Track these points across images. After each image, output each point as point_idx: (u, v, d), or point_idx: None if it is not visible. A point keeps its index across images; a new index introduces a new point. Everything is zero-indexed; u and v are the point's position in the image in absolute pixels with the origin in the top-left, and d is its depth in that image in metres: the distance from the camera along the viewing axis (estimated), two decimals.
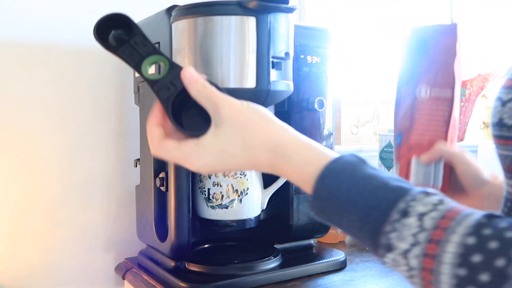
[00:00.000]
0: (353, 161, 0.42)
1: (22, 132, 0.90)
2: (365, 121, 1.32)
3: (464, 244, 0.34)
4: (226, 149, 0.46)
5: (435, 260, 0.35)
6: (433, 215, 0.36)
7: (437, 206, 0.37)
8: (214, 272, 0.79)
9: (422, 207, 0.37)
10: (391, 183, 0.39)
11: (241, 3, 0.64)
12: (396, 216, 0.37)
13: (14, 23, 0.88)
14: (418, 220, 0.36)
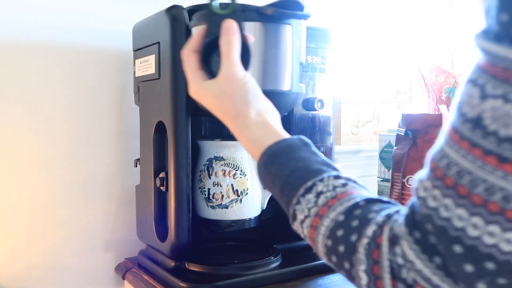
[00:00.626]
0: (294, 143, 0.50)
1: (22, 132, 0.90)
2: (365, 121, 1.32)
3: (336, 220, 0.41)
4: (212, 96, 0.57)
5: (315, 231, 0.43)
6: (328, 195, 0.43)
7: (337, 188, 0.44)
8: (214, 272, 0.79)
9: (323, 187, 0.44)
10: (313, 166, 0.46)
11: (259, 10, 0.66)
12: (301, 191, 0.45)
13: (14, 23, 0.88)
14: (315, 197, 0.43)
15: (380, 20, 1.43)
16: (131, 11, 0.98)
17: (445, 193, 0.33)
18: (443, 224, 0.33)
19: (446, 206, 0.33)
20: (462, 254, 0.32)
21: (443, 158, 0.34)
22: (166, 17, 0.75)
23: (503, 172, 0.31)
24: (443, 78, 1.39)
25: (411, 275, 0.35)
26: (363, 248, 0.38)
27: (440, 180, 0.33)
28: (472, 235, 0.31)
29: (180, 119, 0.75)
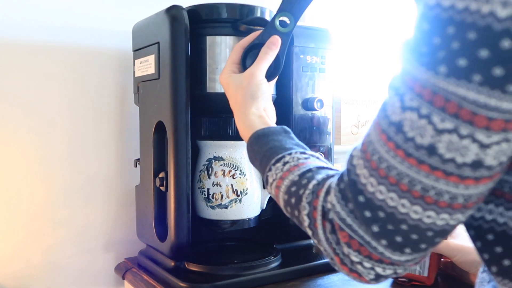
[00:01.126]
0: (276, 129, 0.61)
1: (22, 132, 0.90)
2: (365, 121, 1.32)
3: (292, 180, 0.52)
4: (234, 85, 0.68)
5: (278, 190, 0.54)
6: (291, 163, 0.54)
7: (300, 160, 0.55)
8: (214, 272, 0.79)
9: (289, 159, 0.55)
10: (287, 145, 0.58)
11: (234, 26, 0.78)
12: (273, 161, 0.56)
13: (15, 23, 0.88)
14: (282, 165, 0.54)
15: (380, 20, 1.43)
16: (131, 11, 0.98)
17: (371, 173, 0.42)
18: (354, 179, 0.44)
19: (381, 191, 0.42)
20: (364, 203, 0.43)
21: (375, 152, 0.42)
22: (166, 17, 0.75)
23: (422, 171, 0.39)
24: None
25: (333, 216, 0.46)
26: (305, 198, 0.49)
27: (375, 170, 0.42)
28: (370, 190, 0.42)
29: (180, 119, 0.75)
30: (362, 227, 0.43)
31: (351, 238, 0.44)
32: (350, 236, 0.44)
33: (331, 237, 0.46)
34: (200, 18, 0.79)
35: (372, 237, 0.43)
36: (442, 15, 0.35)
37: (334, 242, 0.46)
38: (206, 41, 0.79)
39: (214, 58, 0.79)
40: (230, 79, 0.68)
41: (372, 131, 0.44)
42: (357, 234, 0.44)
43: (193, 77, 0.79)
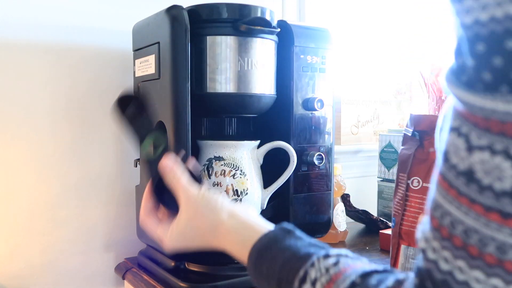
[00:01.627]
0: (275, 235, 0.49)
1: (22, 132, 0.90)
2: (365, 121, 1.32)
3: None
4: (184, 233, 0.58)
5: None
6: (323, 280, 0.41)
7: (329, 269, 0.42)
8: (214, 272, 0.79)
9: (316, 273, 0.42)
10: (300, 252, 0.45)
11: (234, 26, 0.77)
12: (296, 284, 0.43)
13: (15, 23, 0.88)
14: (311, 286, 0.41)
15: (380, 20, 1.43)
16: (131, 11, 0.98)
17: (456, 254, 0.32)
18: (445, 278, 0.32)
19: (460, 268, 0.32)
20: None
21: (445, 215, 0.32)
22: (166, 17, 0.75)
23: (509, 229, 0.30)
24: None
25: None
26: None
27: (448, 241, 0.32)
28: (460, 279, 0.31)
29: (180, 119, 0.75)
30: None
31: None
32: None
33: None
34: (200, 18, 0.79)
35: None
36: (497, 28, 0.28)
37: None
38: (206, 41, 0.79)
39: (214, 58, 0.79)
40: (177, 230, 0.58)
41: (437, 196, 0.34)
42: None
43: (193, 77, 0.79)
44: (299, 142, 0.88)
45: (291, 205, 0.88)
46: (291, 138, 0.87)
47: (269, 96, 0.84)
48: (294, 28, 0.86)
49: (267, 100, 0.84)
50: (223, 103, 0.81)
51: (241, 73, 0.80)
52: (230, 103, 0.81)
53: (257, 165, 0.85)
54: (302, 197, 0.88)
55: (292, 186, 0.87)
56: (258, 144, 0.86)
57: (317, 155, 0.87)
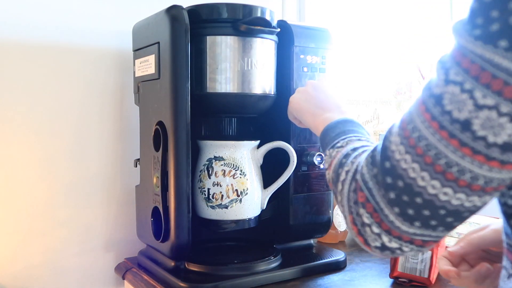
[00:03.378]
0: (341, 121, 0.66)
1: (22, 132, 0.90)
2: (365, 121, 1.32)
3: (339, 159, 0.55)
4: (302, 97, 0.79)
5: (334, 160, 0.57)
6: (338, 150, 0.58)
7: (347, 144, 0.59)
8: (214, 272, 0.79)
9: (340, 144, 0.59)
10: (344, 130, 0.63)
11: (234, 26, 0.78)
12: (330, 146, 0.61)
13: (15, 23, 0.88)
14: (334, 151, 0.59)
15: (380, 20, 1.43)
16: (131, 11, 0.98)
17: (402, 141, 0.43)
18: (386, 145, 0.45)
19: (405, 160, 0.43)
20: (388, 169, 0.44)
21: (411, 122, 0.43)
22: (166, 17, 0.75)
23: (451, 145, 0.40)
24: None
25: (359, 176, 0.48)
26: (353, 158, 0.52)
27: (406, 139, 0.43)
28: (397, 158, 0.43)
29: (180, 119, 0.75)
30: (380, 192, 0.45)
31: (367, 201, 0.46)
32: (367, 198, 0.46)
33: (352, 196, 0.49)
34: (200, 18, 0.79)
35: (387, 203, 0.44)
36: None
37: (352, 200, 0.49)
38: (206, 41, 0.79)
39: (214, 58, 0.79)
40: None
41: (413, 103, 0.45)
42: (374, 199, 0.46)
43: (193, 77, 0.79)
44: (299, 142, 0.88)
45: (291, 205, 0.88)
46: (291, 138, 0.87)
47: (269, 96, 0.84)
48: (294, 28, 0.87)
49: (267, 100, 0.84)
50: (223, 103, 0.81)
51: (241, 73, 0.80)
52: (230, 103, 0.81)
53: (257, 165, 0.85)
54: (302, 197, 0.88)
55: (292, 186, 0.87)
56: (258, 144, 0.86)
57: (317, 155, 0.87)
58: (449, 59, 0.40)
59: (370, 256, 0.94)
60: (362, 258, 0.93)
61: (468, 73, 0.38)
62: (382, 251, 0.47)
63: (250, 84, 0.80)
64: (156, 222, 0.81)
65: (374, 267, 0.88)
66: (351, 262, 0.90)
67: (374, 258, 0.94)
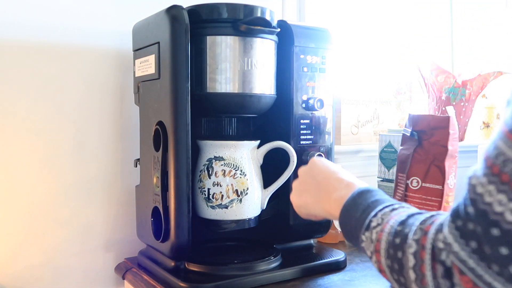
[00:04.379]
0: (356, 195, 0.59)
1: (22, 132, 0.90)
2: (365, 121, 1.32)
3: (399, 220, 0.49)
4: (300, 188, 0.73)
5: (379, 243, 0.50)
6: (378, 229, 0.51)
7: (384, 219, 0.52)
8: (214, 272, 0.79)
9: (375, 222, 0.52)
10: (369, 205, 0.55)
11: (234, 26, 0.77)
12: (363, 231, 0.54)
13: (14, 23, 0.88)
14: (370, 233, 0.52)
15: (380, 20, 1.43)
16: (131, 11, 0.98)
17: (500, 188, 0.36)
18: (484, 209, 0.37)
19: (500, 201, 0.36)
20: (499, 237, 0.35)
21: (500, 155, 0.37)
22: (166, 17, 0.75)
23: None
24: (443, 78, 1.39)
25: (448, 257, 0.39)
26: (413, 235, 0.44)
27: (496, 176, 0.36)
28: (510, 219, 0.35)
29: (180, 119, 0.75)
30: (492, 269, 0.36)
31: (475, 285, 0.38)
32: (474, 282, 0.38)
33: (443, 283, 0.40)
34: (200, 18, 0.79)
35: (506, 282, 0.36)
36: None
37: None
38: (206, 41, 0.79)
39: (214, 58, 0.79)
40: None
41: (499, 142, 0.38)
42: (483, 280, 0.37)
43: (193, 77, 0.79)
44: (299, 142, 0.88)
45: (291, 205, 0.88)
46: (291, 138, 0.87)
47: (269, 96, 0.84)
48: (294, 28, 0.87)
49: (267, 100, 0.84)
50: (223, 103, 0.81)
51: (241, 73, 0.80)
52: (230, 103, 0.81)
53: (257, 165, 0.85)
54: None
55: None
56: (258, 144, 0.86)
57: (317, 155, 0.87)
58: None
59: None
60: (362, 258, 0.93)
61: None
62: None
63: (250, 84, 0.80)
64: (156, 222, 0.81)
65: (374, 267, 0.88)
66: (351, 262, 0.90)
67: None
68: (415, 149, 0.90)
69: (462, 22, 1.66)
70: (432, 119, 0.89)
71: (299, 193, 0.71)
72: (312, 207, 0.69)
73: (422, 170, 0.88)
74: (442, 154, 0.87)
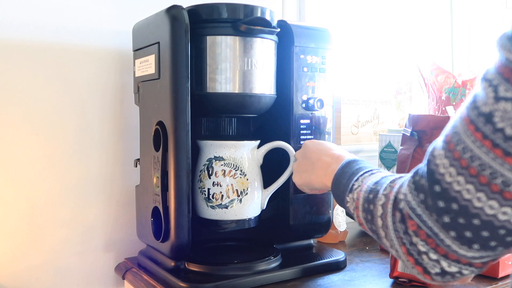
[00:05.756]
0: (343, 166, 0.67)
1: (22, 132, 0.90)
2: (365, 121, 1.32)
3: (374, 180, 0.56)
4: (299, 168, 0.81)
5: (358, 200, 0.57)
6: (357, 190, 0.58)
7: (363, 181, 0.59)
8: (214, 272, 0.79)
9: (357, 185, 0.59)
10: (353, 172, 0.63)
11: (234, 26, 0.78)
12: (347, 193, 0.61)
13: (14, 23, 0.88)
14: (352, 194, 0.59)
15: (380, 20, 1.43)
16: (131, 11, 0.98)
17: (452, 163, 0.42)
18: (433, 169, 0.44)
19: (443, 165, 0.43)
20: (439, 193, 0.43)
21: (460, 143, 0.42)
22: (166, 17, 0.75)
23: (507, 163, 0.39)
24: (443, 78, 1.39)
25: (404, 205, 0.47)
26: (383, 190, 0.52)
27: (456, 160, 0.42)
28: (448, 180, 0.43)
29: (180, 119, 0.75)
30: (432, 217, 0.44)
31: (419, 228, 0.45)
32: (418, 225, 0.45)
33: (400, 226, 0.47)
34: (200, 18, 0.79)
35: (441, 228, 0.43)
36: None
37: (402, 231, 0.47)
38: (206, 41, 0.79)
39: (214, 58, 0.79)
40: None
41: (458, 123, 0.44)
42: (426, 225, 0.44)
43: (193, 77, 0.79)
44: (299, 142, 0.88)
45: (291, 205, 0.88)
46: (291, 138, 0.87)
47: (269, 96, 0.84)
48: (294, 28, 0.87)
49: (267, 100, 0.84)
50: (223, 103, 0.81)
51: (241, 73, 0.80)
52: (230, 103, 0.81)
53: (257, 165, 0.85)
54: (302, 197, 0.88)
55: (292, 186, 0.87)
56: (258, 144, 0.86)
57: None
58: (496, 76, 0.40)
59: (370, 256, 0.95)
60: (362, 258, 0.93)
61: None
62: (443, 277, 0.46)
63: (250, 84, 0.80)
64: (156, 222, 0.81)
65: (374, 267, 0.88)
66: (351, 262, 0.90)
67: (374, 258, 0.94)
68: (415, 149, 0.90)
69: (462, 22, 1.66)
70: (432, 119, 0.89)
71: (299, 174, 0.79)
72: (313, 183, 0.76)
73: None
74: None
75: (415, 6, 1.53)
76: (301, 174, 0.78)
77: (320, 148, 0.77)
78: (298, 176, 0.79)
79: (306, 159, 0.78)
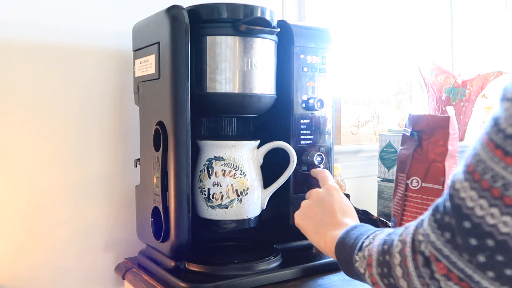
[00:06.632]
0: (351, 228, 0.63)
1: (22, 132, 0.90)
2: (365, 121, 1.32)
3: (377, 251, 0.52)
4: (306, 212, 0.76)
5: (371, 257, 0.53)
6: (369, 247, 0.54)
7: (374, 238, 0.55)
8: (214, 272, 0.79)
9: (367, 242, 0.56)
10: (361, 233, 0.60)
11: (234, 26, 0.77)
12: (357, 251, 0.57)
13: (14, 23, 0.88)
14: (365, 250, 0.55)
15: (380, 20, 1.43)
16: (131, 11, 0.98)
17: (481, 194, 0.39)
18: (459, 204, 0.40)
19: (471, 197, 0.39)
20: (469, 229, 0.39)
21: (487, 171, 0.39)
22: (166, 17, 0.75)
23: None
24: (443, 78, 1.39)
25: (427, 247, 0.43)
26: (398, 236, 0.48)
27: (486, 191, 0.39)
28: (479, 214, 0.39)
29: (180, 119, 0.75)
30: (463, 257, 0.40)
31: (450, 271, 0.41)
32: (448, 268, 0.41)
33: (424, 271, 0.43)
34: (200, 18, 0.79)
35: (476, 269, 0.39)
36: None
37: (428, 276, 0.43)
38: (206, 41, 0.79)
39: (214, 58, 0.79)
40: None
41: (480, 149, 0.40)
42: (456, 267, 0.40)
43: (193, 77, 0.79)
44: (299, 142, 0.88)
45: (291, 205, 0.88)
46: (291, 138, 0.87)
47: (269, 96, 0.84)
48: (294, 28, 0.87)
49: (267, 100, 0.84)
50: (223, 103, 0.81)
51: (241, 73, 0.80)
52: (230, 103, 0.81)
53: (257, 165, 0.85)
54: (302, 197, 0.88)
55: (292, 186, 0.87)
56: (258, 144, 0.86)
57: (317, 155, 0.87)
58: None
59: None
60: None
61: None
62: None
63: (250, 84, 0.80)
64: (156, 222, 0.81)
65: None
66: None
67: None
68: (415, 149, 0.90)
69: (462, 22, 1.66)
70: (432, 119, 0.89)
71: (304, 215, 0.75)
72: (308, 234, 0.73)
73: (422, 170, 0.88)
74: (442, 154, 0.87)
75: (415, 6, 1.53)
76: (305, 218, 0.74)
77: (335, 207, 0.72)
78: (300, 217, 0.75)
79: (319, 208, 0.73)
